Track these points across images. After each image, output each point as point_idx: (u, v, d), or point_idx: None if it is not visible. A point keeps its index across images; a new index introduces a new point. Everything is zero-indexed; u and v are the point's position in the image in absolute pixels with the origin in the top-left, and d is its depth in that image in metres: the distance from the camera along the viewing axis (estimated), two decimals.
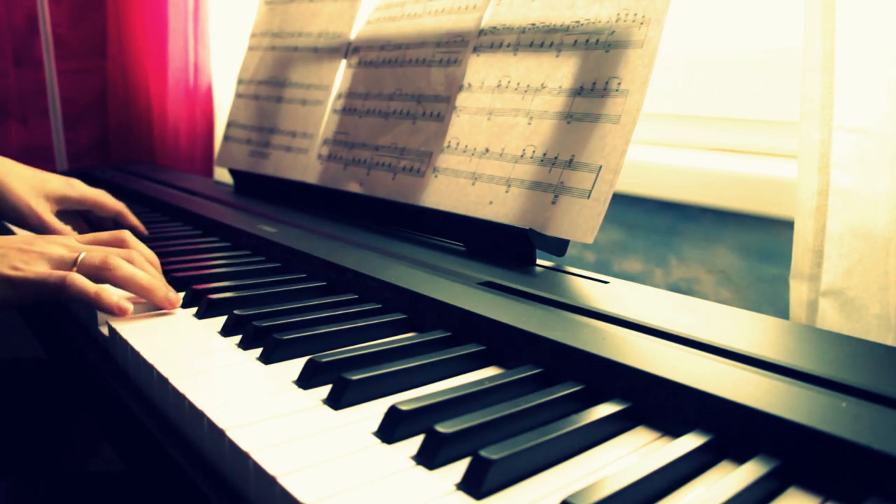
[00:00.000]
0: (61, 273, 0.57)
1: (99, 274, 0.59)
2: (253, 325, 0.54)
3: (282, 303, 0.61)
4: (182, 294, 0.64)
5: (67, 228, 0.84)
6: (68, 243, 0.63)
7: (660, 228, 0.88)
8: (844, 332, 0.59)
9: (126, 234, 0.66)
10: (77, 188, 0.88)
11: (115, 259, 0.60)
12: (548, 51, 0.73)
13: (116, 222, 0.91)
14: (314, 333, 0.53)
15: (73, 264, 0.60)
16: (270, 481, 0.35)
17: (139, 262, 0.62)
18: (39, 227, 0.82)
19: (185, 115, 1.56)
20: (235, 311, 0.57)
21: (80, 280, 0.57)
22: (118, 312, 0.57)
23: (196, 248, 0.82)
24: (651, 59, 0.64)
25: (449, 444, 0.37)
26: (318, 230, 0.83)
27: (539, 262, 0.70)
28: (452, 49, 0.83)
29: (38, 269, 0.58)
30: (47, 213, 0.83)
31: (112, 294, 0.57)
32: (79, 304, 0.60)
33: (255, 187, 1.10)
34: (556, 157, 0.68)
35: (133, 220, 0.90)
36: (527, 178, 0.70)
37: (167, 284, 0.62)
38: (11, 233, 0.88)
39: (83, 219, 0.92)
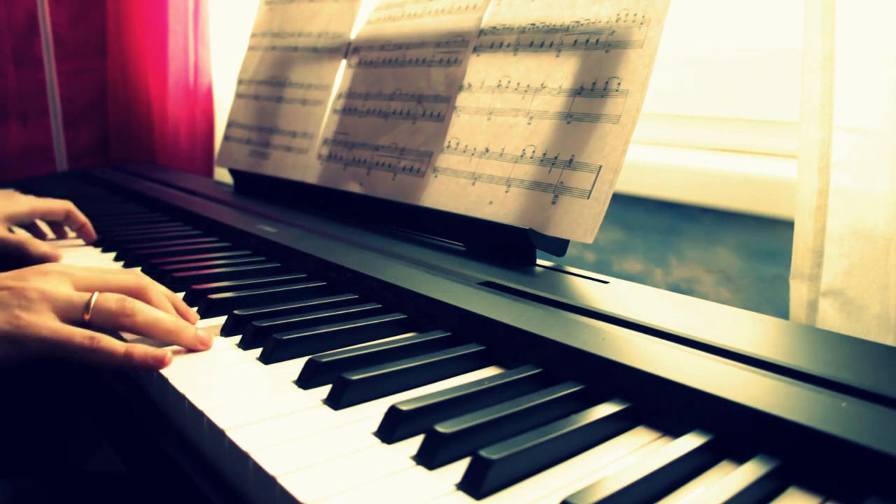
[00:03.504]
0: (86, 334, 0.48)
1: (116, 321, 0.51)
2: (253, 325, 0.54)
3: (282, 303, 0.61)
4: (213, 324, 0.58)
5: (27, 235, 0.82)
6: (73, 273, 0.54)
7: (660, 228, 0.88)
8: (844, 332, 0.59)
9: (146, 281, 0.56)
10: (22, 203, 0.85)
11: (135, 302, 0.52)
12: (548, 51, 0.73)
13: (66, 224, 0.89)
14: (314, 333, 0.53)
15: (84, 308, 0.51)
16: (270, 481, 0.35)
17: (158, 300, 0.55)
18: None
19: (185, 115, 1.56)
20: (235, 311, 0.57)
21: (107, 343, 0.48)
22: (155, 365, 0.48)
23: (196, 248, 0.82)
24: (651, 59, 0.64)
25: (449, 444, 0.37)
26: (318, 230, 0.83)
27: (539, 262, 0.70)
28: (452, 49, 0.83)
29: (47, 320, 0.48)
30: (2, 232, 0.78)
31: (144, 348, 0.49)
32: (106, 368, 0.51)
33: (255, 187, 1.10)
34: (556, 157, 0.68)
35: (81, 217, 0.88)
36: (527, 178, 0.70)
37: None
38: None
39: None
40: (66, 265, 0.56)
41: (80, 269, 0.56)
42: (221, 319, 0.59)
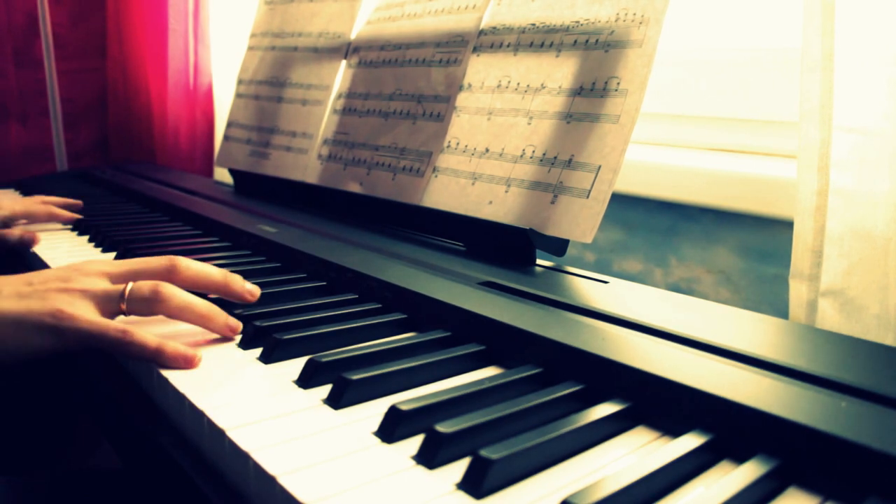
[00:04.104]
0: (120, 327, 0.51)
1: (150, 307, 0.54)
2: (253, 325, 0.54)
3: (282, 303, 0.61)
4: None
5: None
6: (108, 269, 0.57)
7: (660, 228, 0.88)
8: (844, 332, 0.59)
9: (177, 262, 0.58)
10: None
11: (167, 288, 0.54)
12: (548, 51, 0.73)
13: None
14: (314, 333, 0.53)
15: (120, 298, 0.54)
16: (270, 481, 0.35)
17: (185, 278, 0.58)
18: None
19: (185, 115, 1.56)
20: (235, 311, 0.57)
21: (140, 336, 0.50)
22: (185, 365, 0.49)
23: (196, 248, 0.82)
24: (650, 58, 0.64)
25: (449, 444, 0.37)
26: (318, 230, 0.83)
27: (539, 262, 0.70)
28: (452, 49, 0.83)
29: (88, 314, 0.52)
30: None
31: (176, 346, 0.50)
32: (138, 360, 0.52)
33: (255, 187, 1.10)
34: (555, 157, 0.68)
35: (66, 215, 0.91)
36: (526, 177, 0.70)
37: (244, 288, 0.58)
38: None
39: None
40: (103, 261, 0.59)
41: (111, 264, 0.59)
42: None
